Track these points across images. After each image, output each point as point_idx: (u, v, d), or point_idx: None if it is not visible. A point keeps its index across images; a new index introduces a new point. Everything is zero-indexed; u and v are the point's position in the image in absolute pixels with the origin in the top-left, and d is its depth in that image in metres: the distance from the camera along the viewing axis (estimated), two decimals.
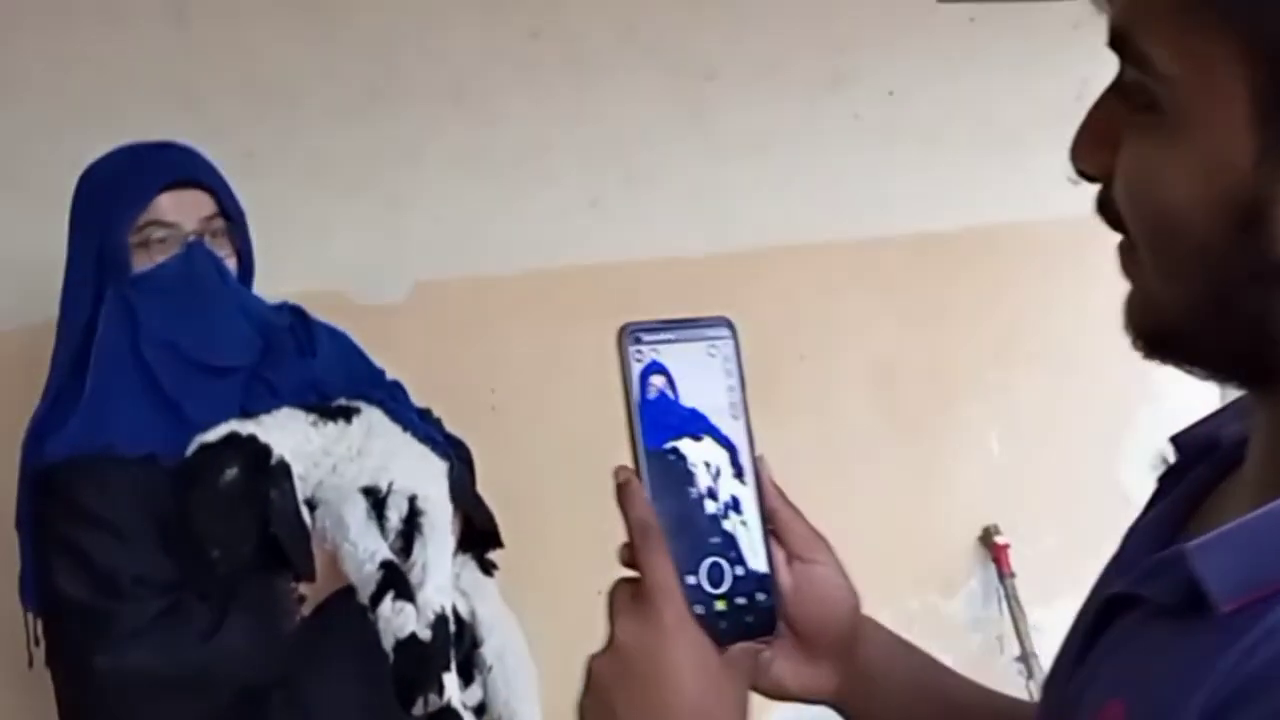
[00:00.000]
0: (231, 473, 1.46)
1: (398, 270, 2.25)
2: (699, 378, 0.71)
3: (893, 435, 2.71)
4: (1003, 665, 2.76)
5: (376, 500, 1.54)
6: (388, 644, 1.44)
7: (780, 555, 0.73)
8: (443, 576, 1.52)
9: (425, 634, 1.45)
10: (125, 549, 1.45)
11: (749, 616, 0.70)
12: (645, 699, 0.64)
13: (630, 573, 0.68)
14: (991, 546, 2.76)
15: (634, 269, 2.42)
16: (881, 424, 2.70)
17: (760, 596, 0.70)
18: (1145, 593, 0.58)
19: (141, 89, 2.03)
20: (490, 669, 1.62)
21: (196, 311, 1.58)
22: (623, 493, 0.68)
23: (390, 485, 1.55)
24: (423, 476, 1.59)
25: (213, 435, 1.49)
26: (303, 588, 1.51)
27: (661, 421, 0.70)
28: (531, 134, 2.34)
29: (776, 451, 2.37)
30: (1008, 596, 2.74)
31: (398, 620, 1.44)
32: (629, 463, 0.68)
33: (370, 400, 1.65)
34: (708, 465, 0.70)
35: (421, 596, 1.47)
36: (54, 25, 2.00)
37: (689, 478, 0.70)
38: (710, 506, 0.70)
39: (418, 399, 1.81)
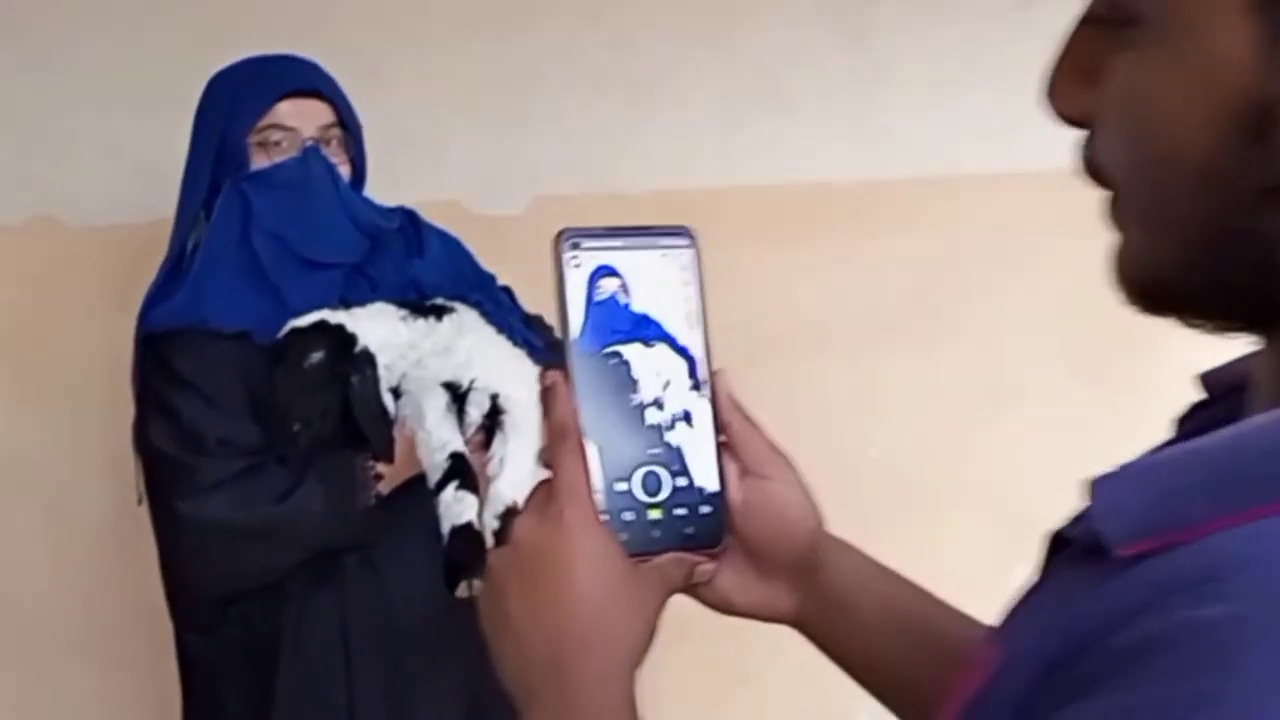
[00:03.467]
0: (317, 356, 1.53)
1: (517, 182, 2.26)
2: (654, 285, 0.68)
3: (1077, 376, 2.51)
4: None
5: (457, 395, 1.58)
6: (444, 529, 1.49)
7: (733, 470, 0.70)
8: (519, 473, 1.54)
9: (493, 524, 1.49)
10: (213, 412, 1.56)
11: (689, 527, 0.67)
12: (538, 596, 0.62)
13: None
14: None
15: (775, 192, 2.34)
16: (1062, 364, 2.51)
17: (704, 509, 0.67)
18: (1070, 532, 0.53)
19: (270, 8, 2.14)
20: None
21: (306, 210, 1.66)
22: (547, 395, 0.65)
23: (472, 382, 1.58)
24: (509, 377, 1.61)
25: (304, 321, 1.56)
26: (380, 467, 1.57)
27: (607, 325, 0.67)
28: (668, 55, 2.30)
29: (932, 383, 2.23)
30: None
31: (456, 508, 1.49)
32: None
33: (467, 301, 1.69)
34: (658, 374, 0.67)
35: (494, 488, 1.51)
36: None
37: (631, 384, 0.67)
38: (654, 415, 0.67)
39: (533, 308, 1.82)
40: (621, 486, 0.66)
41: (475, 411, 1.59)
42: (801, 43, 2.36)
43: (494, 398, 1.59)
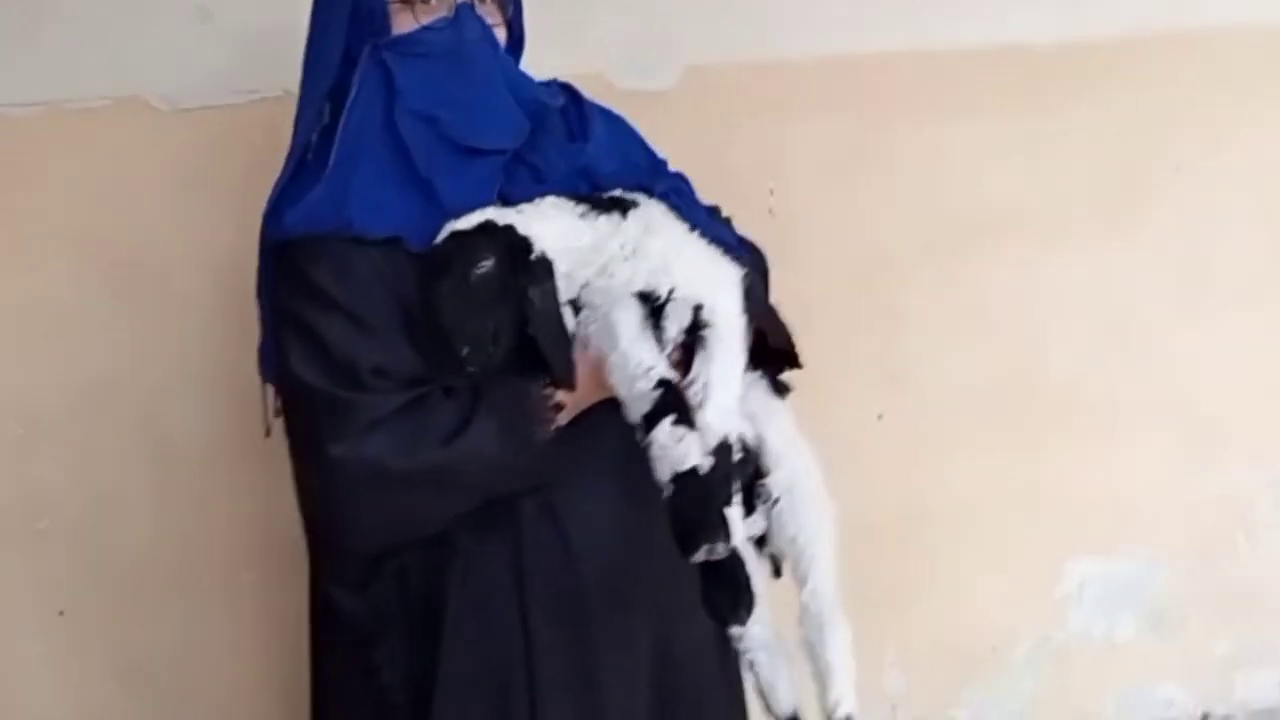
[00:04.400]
0: (486, 265, 1.31)
1: (666, 53, 2.07)
2: None
3: None
4: None
5: (654, 307, 1.37)
6: (663, 475, 1.27)
7: None
8: (727, 398, 1.35)
9: (705, 462, 1.28)
10: (364, 336, 1.34)
11: None
12: None
13: None
14: None
15: (959, 58, 2.13)
16: (1272, 256, 2.30)
17: None
18: None
19: None
20: (776, 501, 1.45)
21: (461, 84, 1.43)
22: None
23: (671, 291, 1.37)
24: (710, 283, 1.40)
25: (466, 222, 1.33)
26: (560, 395, 1.36)
27: None
28: None
29: (1123, 275, 1.94)
30: None
31: (677, 450, 1.27)
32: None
33: (650, 193, 1.47)
34: None
35: (700, 419, 1.31)
36: None
37: None
38: None
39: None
40: None
41: (674, 326, 1.37)
42: None
43: (696, 309, 1.37)
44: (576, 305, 1.38)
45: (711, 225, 1.53)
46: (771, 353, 1.51)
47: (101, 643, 2.02)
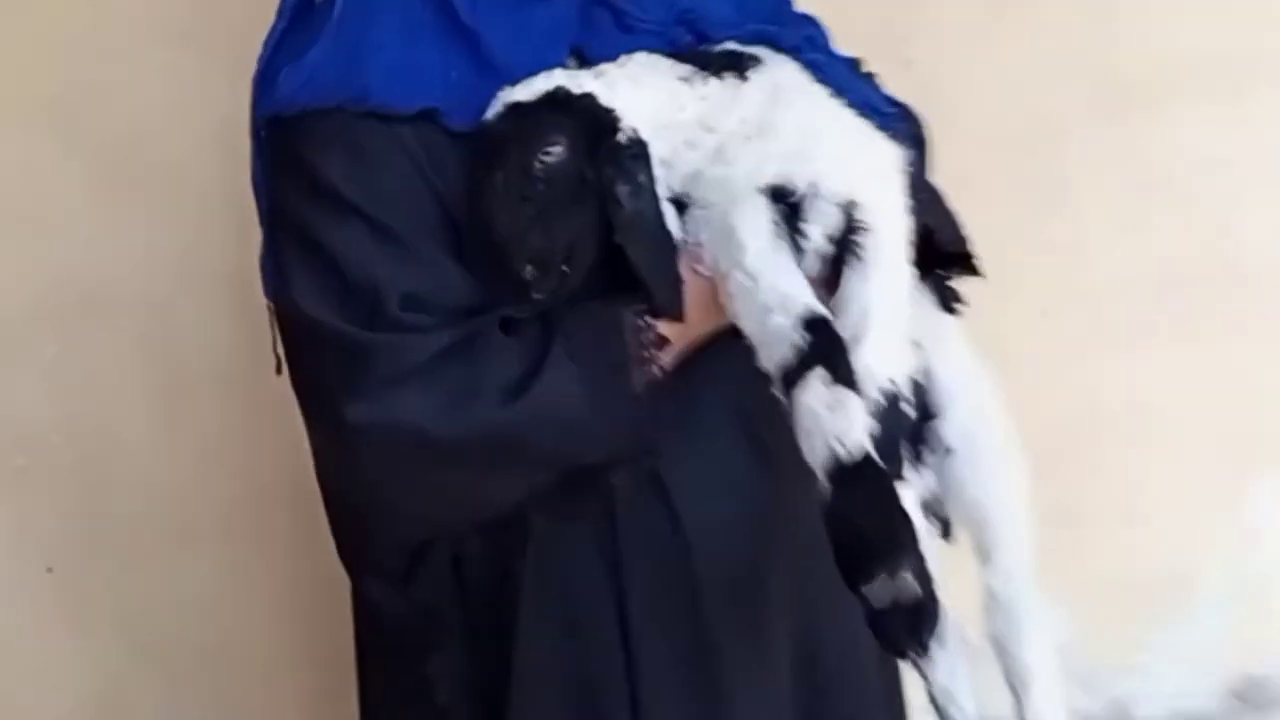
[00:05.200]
0: (556, 151, 1.10)
1: None
2: None
3: None
4: None
5: (789, 206, 1.11)
6: (814, 457, 1.01)
7: None
8: (891, 329, 1.11)
9: (871, 431, 1.03)
10: (390, 252, 1.12)
11: None
12: None
13: None
14: None
15: None
16: None
17: None
18: None
19: None
20: (950, 451, 1.24)
21: None
22: None
23: (813, 185, 1.12)
24: (864, 172, 1.15)
25: (527, 91, 1.11)
26: (663, 328, 1.15)
27: None
28: None
29: None
30: None
31: (835, 421, 1.01)
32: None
33: (776, 46, 1.23)
34: None
35: (856, 362, 1.07)
36: None
37: None
38: None
39: None
40: None
41: (818, 231, 1.10)
42: None
43: (848, 209, 1.10)
44: (681, 204, 1.15)
45: (857, 87, 1.26)
46: (939, 255, 1.26)
47: (101, 606, 1.90)
